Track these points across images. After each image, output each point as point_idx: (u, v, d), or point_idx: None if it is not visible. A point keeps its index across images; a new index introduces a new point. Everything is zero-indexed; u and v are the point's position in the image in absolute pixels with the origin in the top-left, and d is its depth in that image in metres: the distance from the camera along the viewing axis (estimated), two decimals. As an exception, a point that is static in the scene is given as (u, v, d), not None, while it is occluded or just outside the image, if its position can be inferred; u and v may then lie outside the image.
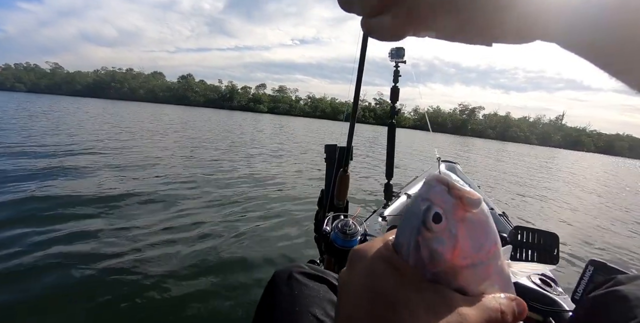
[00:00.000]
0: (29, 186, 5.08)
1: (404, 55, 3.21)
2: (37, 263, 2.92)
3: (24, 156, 7.07)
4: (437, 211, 0.32)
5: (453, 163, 4.47)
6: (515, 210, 7.08)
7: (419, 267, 0.32)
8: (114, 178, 5.98)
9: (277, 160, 10.03)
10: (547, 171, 17.28)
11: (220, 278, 2.99)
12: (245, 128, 25.32)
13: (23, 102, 32.07)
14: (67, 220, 3.92)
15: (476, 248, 0.32)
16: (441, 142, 38.06)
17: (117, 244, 3.48)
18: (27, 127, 11.72)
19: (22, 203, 4.28)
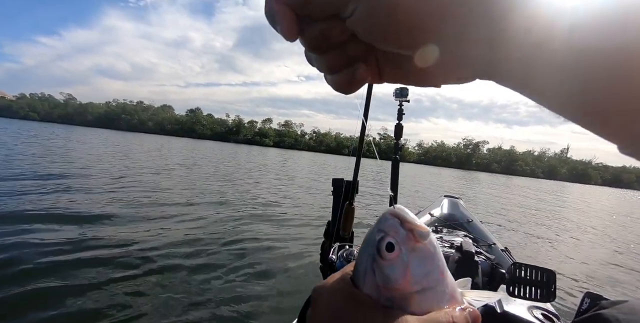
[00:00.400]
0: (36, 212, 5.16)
1: (408, 94, 3.40)
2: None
3: (37, 181, 7.24)
4: (390, 241, 0.35)
5: (456, 199, 4.49)
6: (519, 244, 7.04)
7: (375, 292, 0.35)
8: (124, 212, 6.07)
9: (283, 194, 10.11)
10: (553, 205, 17.14)
11: (228, 307, 3.05)
12: (252, 160, 25.57)
13: (42, 131, 32.81)
14: (59, 253, 3.94)
15: (425, 275, 0.35)
16: (446, 176, 38.01)
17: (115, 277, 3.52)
18: (36, 154, 12.05)
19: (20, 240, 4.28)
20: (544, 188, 36.48)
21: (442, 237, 2.89)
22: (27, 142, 18.51)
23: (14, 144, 16.56)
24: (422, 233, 0.36)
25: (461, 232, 3.30)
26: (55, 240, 4.25)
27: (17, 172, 8.54)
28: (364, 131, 2.35)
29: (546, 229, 9.39)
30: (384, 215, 0.38)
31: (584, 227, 10.70)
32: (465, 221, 3.78)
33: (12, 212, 5.18)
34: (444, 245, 2.69)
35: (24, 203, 5.65)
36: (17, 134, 25.66)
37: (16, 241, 4.04)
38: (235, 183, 11.42)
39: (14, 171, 8.55)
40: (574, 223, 11.27)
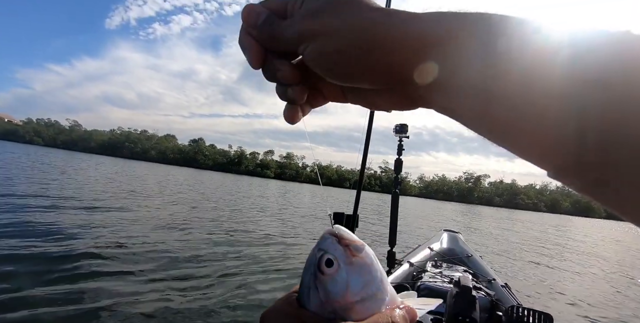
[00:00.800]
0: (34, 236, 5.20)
1: (407, 130, 3.54)
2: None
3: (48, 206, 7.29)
4: (328, 257, 0.38)
5: (455, 233, 4.50)
6: (520, 280, 6.96)
7: (319, 308, 0.37)
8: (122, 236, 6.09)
9: (282, 226, 10.08)
10: (556, 240, 16.92)
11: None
12: (252, 192, 25.55)
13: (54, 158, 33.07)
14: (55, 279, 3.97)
15: (364, 285, 0.37)
16: (447, 210, 37.76)
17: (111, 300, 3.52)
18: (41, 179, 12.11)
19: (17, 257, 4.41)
20: (547, 223, 36.08)
21: (441, 272, 2.96)
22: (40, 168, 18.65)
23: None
24: (357, 247, 0.38)
25: (461, 267, 3.32)
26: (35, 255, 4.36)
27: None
28: (364, 167, 2.44)
29: (548, 265, 9.26)
30: (322, 235, 0.41)
31: (587, 263, 10.53)
32: (464, 256, 3.78)
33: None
34: (443, 280, 2.74)
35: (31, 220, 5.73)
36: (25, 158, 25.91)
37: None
38: (237, 215, 11.40)
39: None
40: (577, 260, 11.09)
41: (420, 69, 0.25)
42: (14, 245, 4.93)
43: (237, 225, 9.05)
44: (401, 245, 6.15)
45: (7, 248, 4.73)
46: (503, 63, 0.22)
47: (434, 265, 3.26)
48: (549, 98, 0.20)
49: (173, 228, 7.56)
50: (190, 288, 4.23)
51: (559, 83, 0.19)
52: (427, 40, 0.25)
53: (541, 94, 0.20)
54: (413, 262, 3.31)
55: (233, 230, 8.34)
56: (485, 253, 6.95)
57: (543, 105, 0.20)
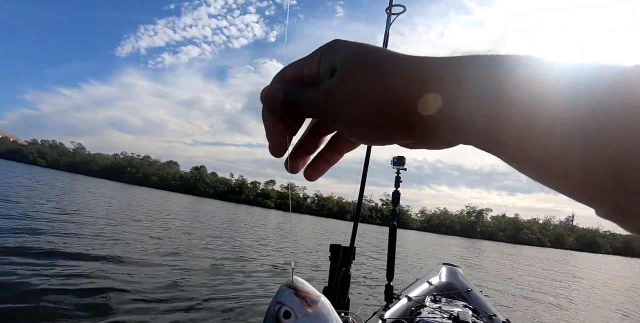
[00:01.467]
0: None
1: (405, 163, 3.57)
2: None
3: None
4: (286, 309, 0.39)
5: (454, 267, 4.45)
6: (522, 316, 6.81)
7: None
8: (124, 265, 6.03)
9: (281, 257, 9.96)
10: (558, 276, 16.55)
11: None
12: (254, 223, 25.38)
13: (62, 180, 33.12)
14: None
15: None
16: (450, 245, 37.16)
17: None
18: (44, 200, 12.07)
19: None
20: (552, 258, 35.36)
21: (440, 307, 2.91)
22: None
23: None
24: (313, 300, 0.40)
25: (461, 302, 3.26)
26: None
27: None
28: (361, 198, 2.45)
29: (551, 302, 9.04)
30: (280, 287, 0.42)
31: (592, 300, 10.27)
32: (464, 290, 3.72)
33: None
34: (443, 316, 2.68)
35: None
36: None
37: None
38: (231, 244, 11.30)
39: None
40: (581, 296, 10.83)
41: (423, 100, 0.26)
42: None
43: (231, 254, 8.94)
44: (400, 278, 6.08)
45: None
46: (505, 95, 0.22)
47: (433, 300, 3.21)
48: (552, 130, 0.20)
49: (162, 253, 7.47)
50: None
51: (562, 116, 0.19)
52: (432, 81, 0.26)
53: (545, 127, 0.20)
54: (411, 297, 3.26)
55: (225, 258, 8.24)
56: (487, 289, 6.78)
57: (548, 138, 0.20)
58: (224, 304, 4.91)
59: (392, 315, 2.88)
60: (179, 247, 8.75)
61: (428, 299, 3.20)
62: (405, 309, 3.04)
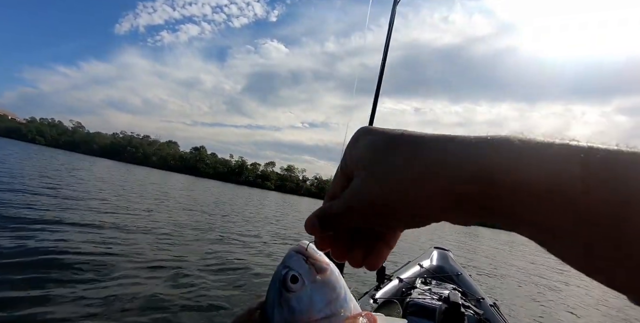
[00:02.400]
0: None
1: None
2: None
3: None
4: (293, 274, 0.38)
5: (445, 251, 4.54)
6: (510, 301, 6.86)
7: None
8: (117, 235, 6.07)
9: (275, 237, 9.96)
10: (555, 264, 16.63)
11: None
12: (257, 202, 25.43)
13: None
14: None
15: (328, 303, 0.37)
16: (446, 230, 37.34)
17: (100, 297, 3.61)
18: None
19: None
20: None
21: (430, 289, 2.97)
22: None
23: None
24: (322, 267, 0.39)
25: (450, 285, 3.34)
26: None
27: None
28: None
29: (540, 291, 9.10)
30: (289, 252, 0.41)
31: (584, 290, 10.33)
32: (454, 274, 3.83)
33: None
34: (432, 298, 2.73)
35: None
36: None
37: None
38: (233, 222, 11.29)
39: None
40: (574, 286, 10.86)
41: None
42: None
43: (230, 232, 8.93)
44: (392, 260, 6.09)
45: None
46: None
47: (424, 282, 3.28)
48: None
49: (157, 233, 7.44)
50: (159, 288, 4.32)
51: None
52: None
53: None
54: (403, 278, 3.34)
55: (224, 236, 8.21)
56: (472, 273, 6.84)
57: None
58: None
59: (384, 295, 2.94)
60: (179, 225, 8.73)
61: (419, 281, 3.26)
62: (396, 290, 3.12)
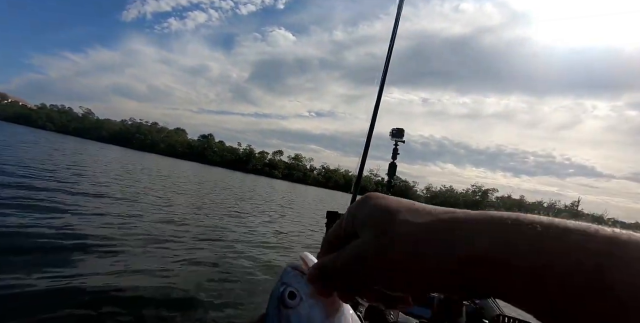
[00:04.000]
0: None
1: (403, 135, 3.44)
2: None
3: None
4: (291, 290, 0.38)
5: None
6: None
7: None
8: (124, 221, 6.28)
9: (281, 222, 10.01)
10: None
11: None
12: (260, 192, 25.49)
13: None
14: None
15: (326, 317, 0.37)
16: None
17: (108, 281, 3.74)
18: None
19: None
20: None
21: None
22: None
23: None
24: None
25: None
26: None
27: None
28: (362, 166, 2.33)
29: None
30: (285, 268, 0.41)
31: None
32: None
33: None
34: None
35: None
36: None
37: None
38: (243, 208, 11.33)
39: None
40: None
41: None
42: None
43: (237, 221, 8.97)
44: None
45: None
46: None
47: None
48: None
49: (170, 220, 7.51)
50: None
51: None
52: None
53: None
54: None
55: (228, 225, 8.26)
56: None
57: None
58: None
59: None
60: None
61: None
62: None
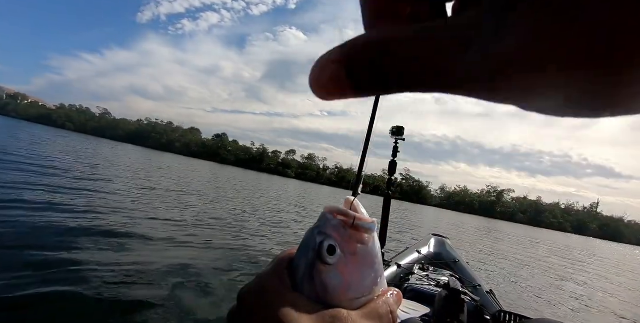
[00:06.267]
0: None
1: (404, 133, 3.49)
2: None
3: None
4: (331, 244, 0.33)
5: (443, 238, 4.58)
6: (506, 288, 6.98)
7: (312, 298, 0.32)
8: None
9: (290, 222, 9.73)
10: (573, 263, 15.93)
11: None
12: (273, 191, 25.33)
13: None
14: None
15: (365, 279, 0.33)
16: (467, 223, 36.57)
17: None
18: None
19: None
20: (572, 246, 34.40)
21: (428, 275, 3.05)
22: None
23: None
24: (364, 239, 0.34)
25: (447, 271, 3.44)
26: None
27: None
28: (362, 166, 2.03)
29: (541, 279, 9.01)
30: (324, 214, 0.35)
31: (583, 283, 9.87)
32: (452, 261, 3.90)
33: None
34: (430, 284, 2.78)
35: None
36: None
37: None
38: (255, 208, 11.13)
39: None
40: (573, 281, 10.27)
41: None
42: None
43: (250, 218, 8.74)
44: (391, 247, 6.19)
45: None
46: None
47: (421, 268, 3.38)
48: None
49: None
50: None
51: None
52: None
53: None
54: (401, 264, 3.40)
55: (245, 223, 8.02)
56: (469, 259, 6.92)
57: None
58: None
59: None
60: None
61: (417, 267, 3.36)
62: (394, 276, 3.19)
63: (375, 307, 0.33)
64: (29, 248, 3.99)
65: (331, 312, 0.31)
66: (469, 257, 9.19)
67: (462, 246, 11.92)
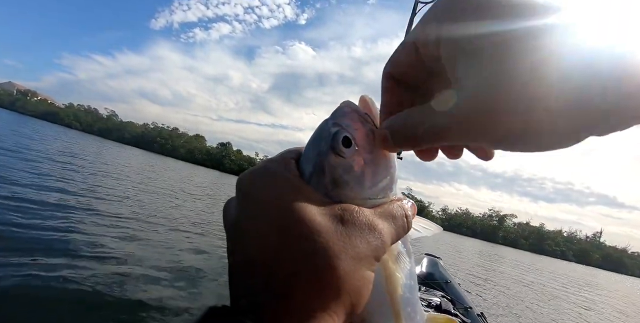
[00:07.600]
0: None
1: (401, 152, 2.92)
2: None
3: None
4: (346, 135, 0.30)
5: (436, 258, 4.56)
6: (497, 312, 6.95)
7: (320, 192, 0.29)
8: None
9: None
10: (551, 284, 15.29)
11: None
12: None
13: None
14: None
15: (379, 181, 0.31)
16: (468, 246, 35.79)
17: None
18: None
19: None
20: (576, 276, 33.45)
21: (420, 296, 2.86)
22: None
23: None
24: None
25: (439, 292, 3.39)
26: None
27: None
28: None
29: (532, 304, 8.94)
30: (341, 106, 0.32)
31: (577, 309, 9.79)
32: (443, 281, 3.87)
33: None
34: (421, 304, 2.25)
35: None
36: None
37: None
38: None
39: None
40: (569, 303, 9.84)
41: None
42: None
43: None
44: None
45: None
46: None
47: None
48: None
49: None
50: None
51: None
52: None
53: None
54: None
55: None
56: (461, 281, 6.59)
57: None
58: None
59: None
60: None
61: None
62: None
63: (389, 208, 0.30)
64: (21, 249, 4.04)
65: (342, 205, 0.29)
66: (467, 279, 8.85)
67: (460, 268, 11.54)
